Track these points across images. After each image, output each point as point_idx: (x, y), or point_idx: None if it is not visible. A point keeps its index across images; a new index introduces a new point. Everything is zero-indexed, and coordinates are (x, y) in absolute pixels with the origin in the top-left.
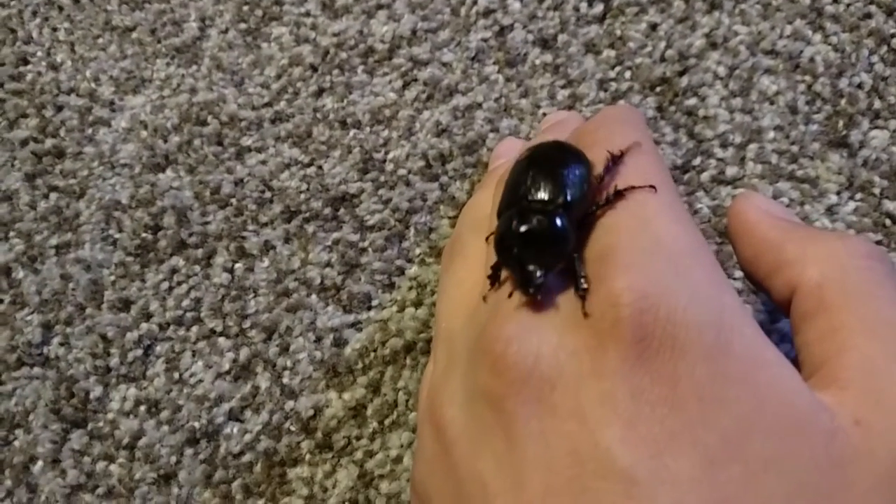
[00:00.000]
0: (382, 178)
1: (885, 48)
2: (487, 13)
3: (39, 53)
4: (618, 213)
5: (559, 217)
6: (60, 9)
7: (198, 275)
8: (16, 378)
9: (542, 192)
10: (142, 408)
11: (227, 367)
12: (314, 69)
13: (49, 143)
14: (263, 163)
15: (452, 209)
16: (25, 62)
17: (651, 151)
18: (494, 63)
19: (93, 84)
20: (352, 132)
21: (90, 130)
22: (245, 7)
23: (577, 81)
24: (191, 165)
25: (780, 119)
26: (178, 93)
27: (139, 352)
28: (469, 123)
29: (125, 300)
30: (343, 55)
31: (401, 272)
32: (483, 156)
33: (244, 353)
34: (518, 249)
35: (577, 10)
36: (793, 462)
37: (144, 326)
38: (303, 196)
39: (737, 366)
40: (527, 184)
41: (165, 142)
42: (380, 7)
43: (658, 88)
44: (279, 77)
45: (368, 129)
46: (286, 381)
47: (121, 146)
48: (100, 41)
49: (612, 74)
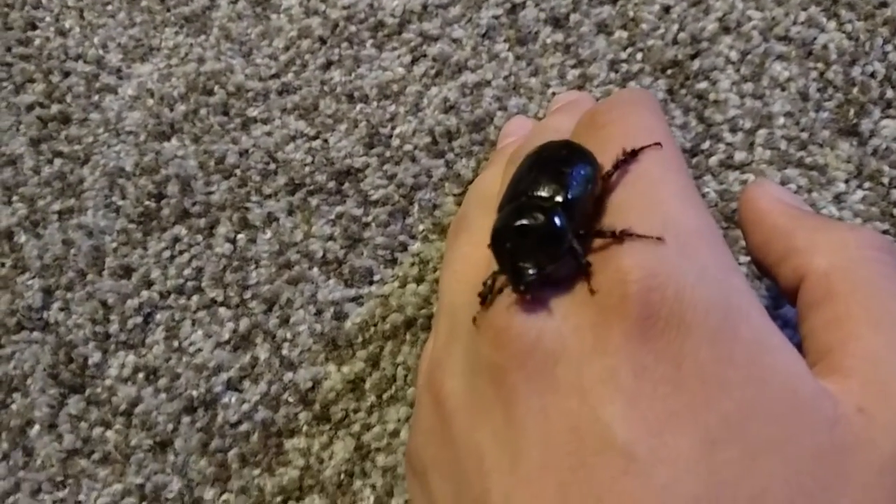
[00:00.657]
0: (388, 154)
1: None
2: None
3: (48, 19)
4: (628, 193)
5: (557, 215)
6: None
7: (200, 244)
8: (15, 342)
9: (543, 189)
10: (140, 375)
11: (227, 337)
12: (323, 42)
13: (55, 109)
14: (269, 134)
15: (457, 186)
16: (34, 27)
17: (665, 134)
18: (505, 41)
19: (100, 51)
20: (359, 106)
21: (96, 97)
22: None
23: (588, 62)
24: (196, 135)
25: (791, 105)
26: (186, 62)
27: (139, 319)
28: (477, 101)
29: (126, 267)
30: (352, 28)
31: (403, 248)
32: (490, 134)
33: (244, 324)
34: (512, 245)
35: None
36: (793, 447)
37: (145, 294)
38: (307, 169)
39: (742, 349)
40: (529, 180)
41: (171, 110)
42: None
43: (669, 71)
44: (287, 49)
45: (375, 104)
46: (285, 353)
47: (127, 114)
48: (109, 8)
49: (624, 56)
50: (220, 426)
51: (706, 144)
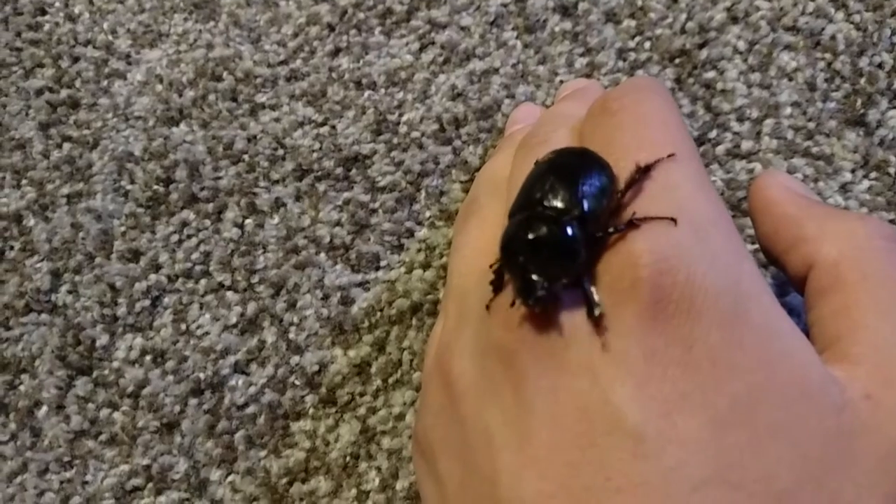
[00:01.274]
0: (395, 140)
1: None
2: None
3: (58, 4)
4: (642, 180)
5: (571, 228)
6: None
7: (208, 229)
8: (23, 324)
9: (558, 200)
10: (147, 357)
11: (235, 321)
12: (331, 28)
13: (64, 94)
14: (277, 120)
15: (464, 173)
16: (43, 12)
17: (677, 122)
18: (513, 28)
19: (110, 36)
20: (367, 93)
21: (105, 82)
22: None
23: (596, 50)
24: (204, 120)
25: (798, 95)
26: (195, 48)
27: (147, 302)
28: (485, 88)
29: (135, 251)
30: (361, 15)
31: (410, 234)
32: (498, 121)
33: (251, 308)
34: (523, 257)
35: None
36: (801, 431)
37: (153, 277)
38: (315, 155)
39: (752, 334)
40: (543, 189)
41: (180, 96)
42: None
43: (677, 60)
44: (296, 35)
45: (383, 91)
46: (292, 337)
47: (135, 99)
48: None
49: (632, 45)
50: (227, 408)
51: (713, 133)
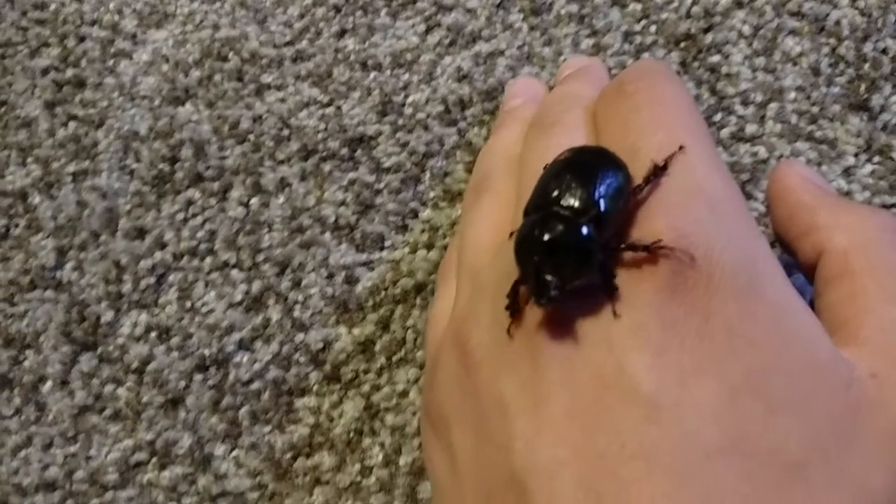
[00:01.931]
0: (401, 122)
1: None
2: None
3: None
4: (655, 158)
5: (587, 229)
6: None
7: (213, 207)
8: (28, 300)
9: (574, 200)
10: (152, 334)
11: (240, 299)
12: (337, 10)
13: (70, 73)
14: (282, 101)
15: (469, 155)
16: None
17: (691, 105)
18: (520, 11)
19: (116, 17)
20: (372, 74)
21: (111, 62)
22: None
23: (602, 32)
24: (210, 100)
25: (802, 80)
26: (201, 28)
27: (152, 280)
28: (490, 70)
29: (140, 229)
30: None
31: (414, 215)
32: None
33: (256, 286)
34: (538, 257)
35: None
36: (811, 405)
37: (158, 255)
38: (320, 135)
39: (765, 309)
40: (560, 187)
41: (186, 76)
42: None
43: (682, 44)
44: (302, 16)
45: (389, 72)
46: (297, 315)
47: (141, 79)
48: None
49: (638, 28)
50: (232, 384)
51: (718, 117)
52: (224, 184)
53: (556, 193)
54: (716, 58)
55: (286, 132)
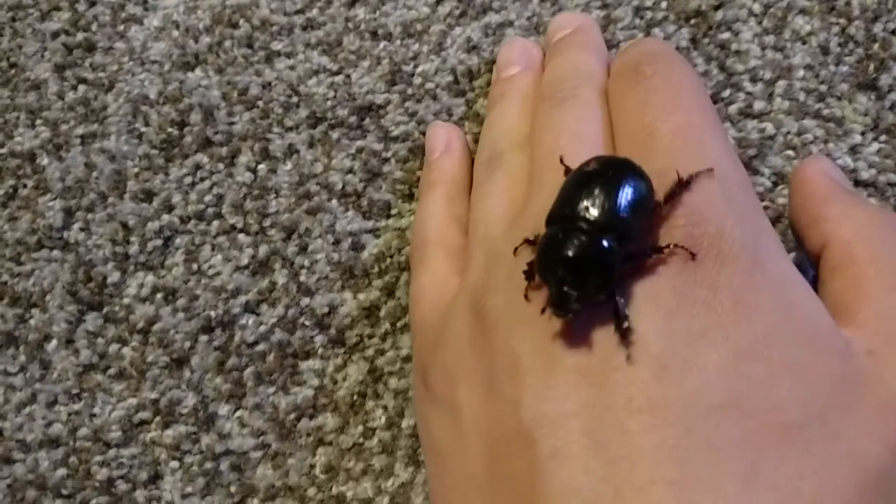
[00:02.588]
0: (410, 91)
1: None
2: None
3: None
4: (674, 139)
5: (609, 244)
6: None
7: (221, 172)
8: (35, 259)
9: (598, 214)
10: (158, 295)
11: (246, 262)
12: None
13: (80, 37)
14: (292, 68)
15: (476, 125)
16: None
17: (703, 90)
18: None
19: None
20: (382, 44)
21: (122, 27)
22: None
23: (613, 6)
24: (220, 66)
25: (811, 59)
26: None
27: (159, 242)
28: (499, 41)
29: (148, 191)
30: None
31: None
32: None
33: (263, 250)
34: (560, 270)
35: None
36: (810, 372)
37: (165, 218)
38: (329, 103)
39: (769, 281)
40: (583, 199)
41: (196, 42)
42: None
43: (693, 20)
44: None
45: (399, 42)
46: (303, 279)
47: (152, 44)
48: None
49: (649, 3)
50: (237, 346)
51: (726, 93)
52: (232, 149)
53: (580, 205)
54: (725, 35)
55: (295, 99)
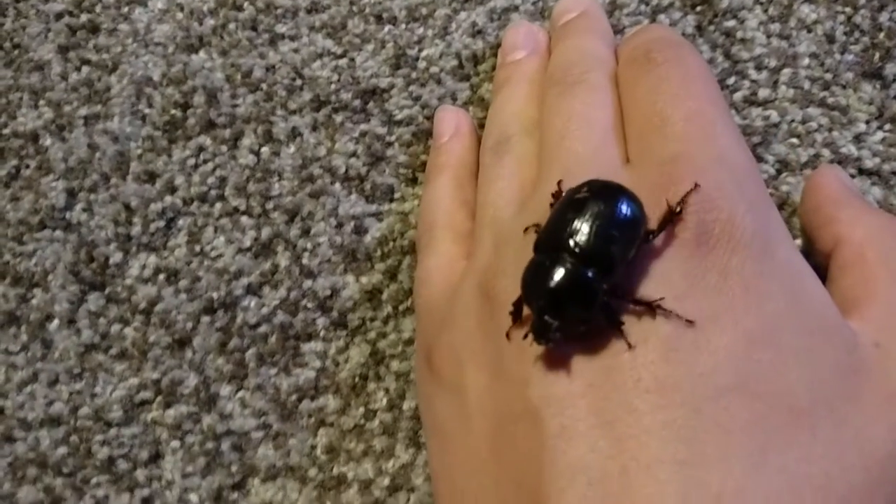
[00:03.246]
0: (414, 75)
1: None
2: None
3: None
4: (686, 126)
5: (593, 276)
6: None
7: (224, 154)
8: (37, 239)
9: (586, 244)
10: (161, 276)
11: (249, 244)
12: None
13: (84, 18)
14: (296, 51)
15: (481, 110)
16: None
17: (712, 78)
18: None
19: None
20: (387, 27)
21: (126, 9)
22: None
23: None
24: (224, 49)
25: (817, 47)
26: None
27: (161, 223)
28: (505, 25)
29: (151, 173)
30: None
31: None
32: None
33: (266, 233)
34: (542, 301)
35: None
36: (818, 359)
37: (168, 199)
38: (333, 86)
39: (779, 269)
40: (573, 229)
41: (200, 24)
42: None
43: (699, 8)
44: None
45: (404, 26)
46: (305, 262)
47: (156, 26)
48: None
49: None
50: (240, 327)
51: (731, 80)
52: (235, 131)
53: (568, 234)
54: (731, 22)
55: (299, 82)
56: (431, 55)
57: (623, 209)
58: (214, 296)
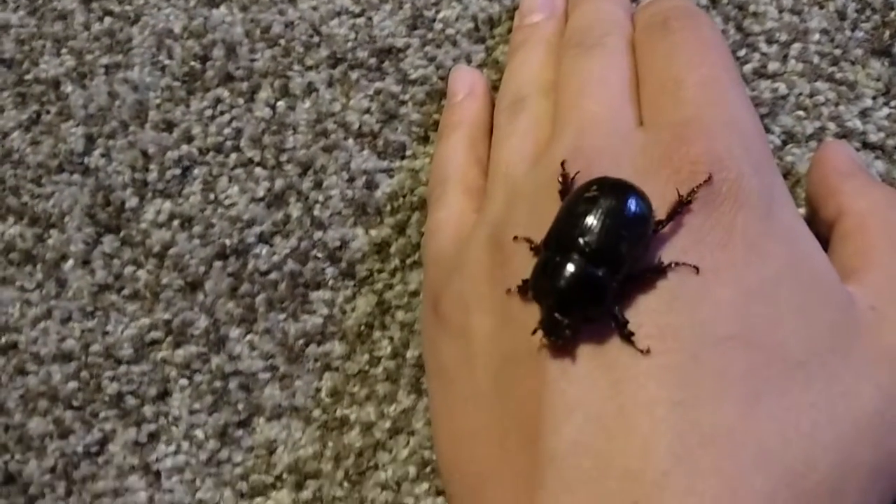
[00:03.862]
0: (430, 36)
1: None
2: None
3: None
4: (699, 91)
5: (603, 274)
6: None
7: (241, 107)
8: (55, 182)
9: (595, 243)
10: (175, 221)
11: (262, 195)
12: None
13: None
14: (315, 8)
15: (496, 73)
16: None
17: (727, 49)
18: None
19: None
20: None
21: None
22: None
23: None
24: (244, 4)
25: (828, 23)
26: None
27: (177, 171)
28: None
29: (168, 122)
30: None
31: (437, 127)
32: None
33: (279, 184)
34: (551, 299)
35: None
36: (814, 316)
37: (185, 148)
38: (350, 44)
39: (781, 230)
40: (582, 227)
41: None
42: None
43: None
44: None
45: None
46: (317, 214)
47: None
48: None
49: None
50: (250, 273)
51: (742, 52)
52: (252, 85)
53: (577, 232)
54: None
55: (316, 39)
56: (448, 17)
57: (632, 207)
58: (227, 242)
